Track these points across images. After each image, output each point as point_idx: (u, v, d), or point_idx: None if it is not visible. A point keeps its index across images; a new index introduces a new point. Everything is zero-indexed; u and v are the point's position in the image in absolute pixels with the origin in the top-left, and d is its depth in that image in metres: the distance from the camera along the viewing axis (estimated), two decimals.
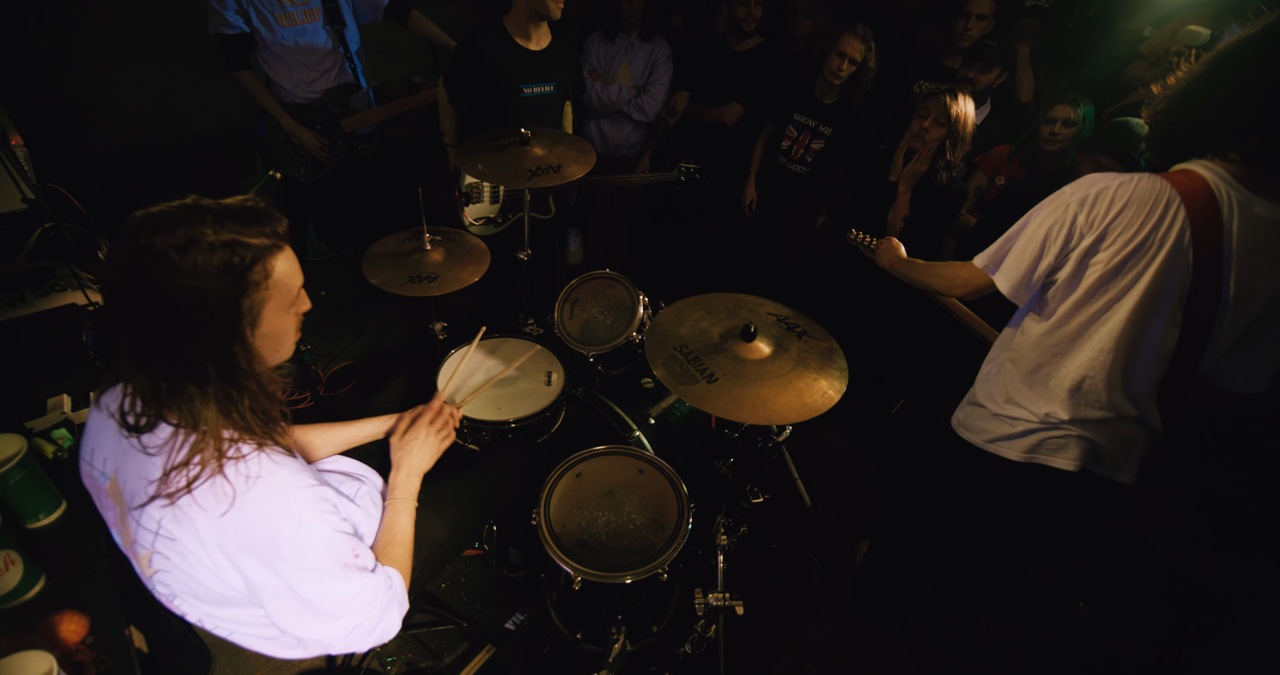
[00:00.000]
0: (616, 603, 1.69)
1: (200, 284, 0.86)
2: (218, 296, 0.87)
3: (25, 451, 1.28)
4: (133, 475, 0.96)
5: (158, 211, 0.89)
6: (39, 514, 1.37)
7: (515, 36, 2.39)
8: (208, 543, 0.94)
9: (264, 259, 0.92)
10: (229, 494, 0.91)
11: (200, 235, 0.87)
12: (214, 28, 2.41)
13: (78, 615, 1.19)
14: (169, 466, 0.91)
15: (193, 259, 0.85)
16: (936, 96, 2.33)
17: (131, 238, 0.86)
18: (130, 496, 0.97)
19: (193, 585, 1.02)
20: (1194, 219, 1.14)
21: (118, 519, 1.04)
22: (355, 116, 2.66)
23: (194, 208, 0.90)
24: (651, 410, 2.10)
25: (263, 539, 0.94)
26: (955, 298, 1.56)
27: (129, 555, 1.07)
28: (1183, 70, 1.19)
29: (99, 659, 1.15)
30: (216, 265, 0.87)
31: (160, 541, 0.96)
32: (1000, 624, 2.12)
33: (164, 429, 0.94)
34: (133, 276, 0.86)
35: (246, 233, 0.91)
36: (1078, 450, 1.36)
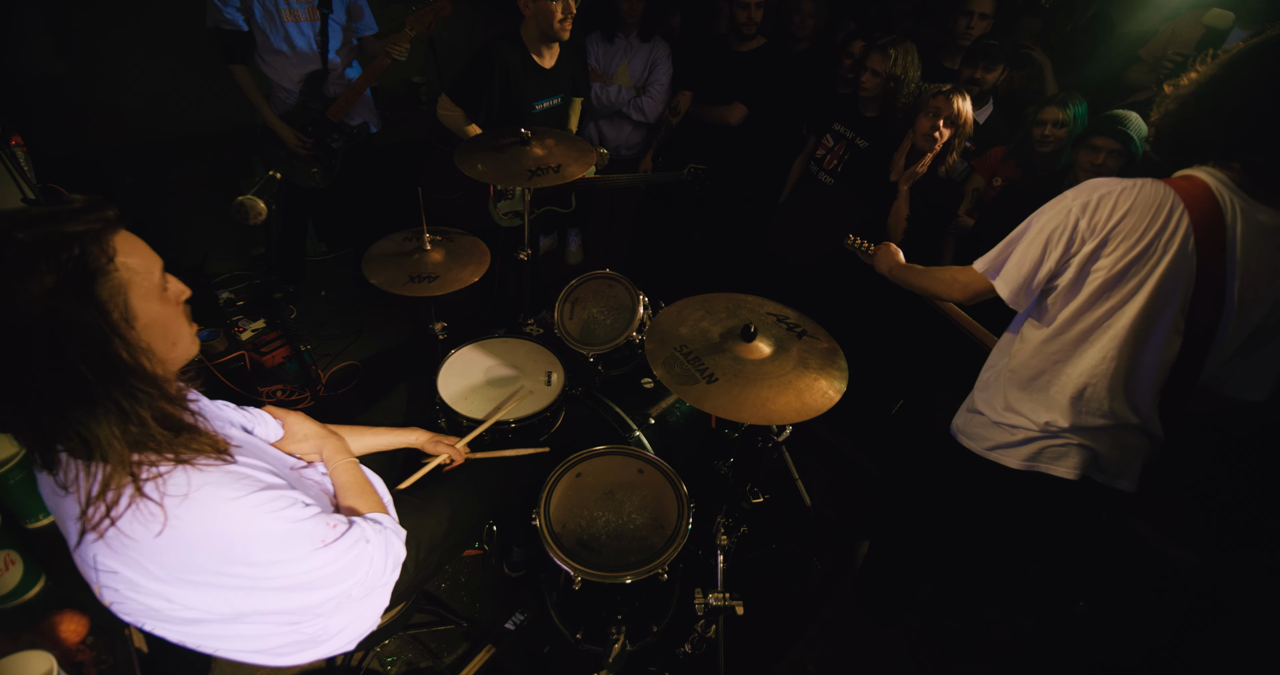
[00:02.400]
0: (616, 603, 1.69)
1: (38, 289, 0.75)
2: (67, 295, 0.77)
3: (25, 451, 1.28)
4: (63, 515, 0.92)
5: None
6: (39, 514, 1.37)
7: (530, 51, 2.41)
8: (152, 570, 0.89)
9: (98, 242, 0.81)
10: (158, 516, 0.84)
11: (9, 239, 0.75)
12: (212, 23, 2.41)
13: (78, 615, 1.19)
14: (83, 501, 0.84)
15: (14, 266, 0.75)
16: (945, 96, 2.32)
17: None
18: (66, 535, 0.92)
19: (157, 613, 0.96)
20: (1197, 225, 1.13)
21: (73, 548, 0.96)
22: (336, 104, 2.64)
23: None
24: (651, 410, 2.10)
25: (215, 553, 0.89)
26: (954, 303, 1.56)
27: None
28: (1196, 73, 1.18)
29: (99, 659, 1.15)
30: (46, 263, 0.76)
31: (103, 576, 0.91)
32: (1000, 624, 2.12)
33: (72, 464, 0.86)
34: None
35: (64, 224, 0.79)
36: (1078, 458, 1.35)
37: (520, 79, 2.42)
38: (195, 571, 0.90)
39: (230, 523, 0.90)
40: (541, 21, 2.31)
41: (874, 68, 2.56)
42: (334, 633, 1.21)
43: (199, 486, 0.88)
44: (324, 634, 1.19)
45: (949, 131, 2.33)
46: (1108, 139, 2.00)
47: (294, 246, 3.13)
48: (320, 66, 2.60)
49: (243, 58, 2.50)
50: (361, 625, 1.27)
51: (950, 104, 2.30)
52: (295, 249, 3.14)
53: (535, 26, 2.35)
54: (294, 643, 1.15)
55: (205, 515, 0.87)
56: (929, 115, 2.34)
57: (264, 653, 1.13)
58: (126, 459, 0.84)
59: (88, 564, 0.90)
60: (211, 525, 0.88)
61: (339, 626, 1.21)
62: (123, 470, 0.83)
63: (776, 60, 3.02)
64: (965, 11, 2.72)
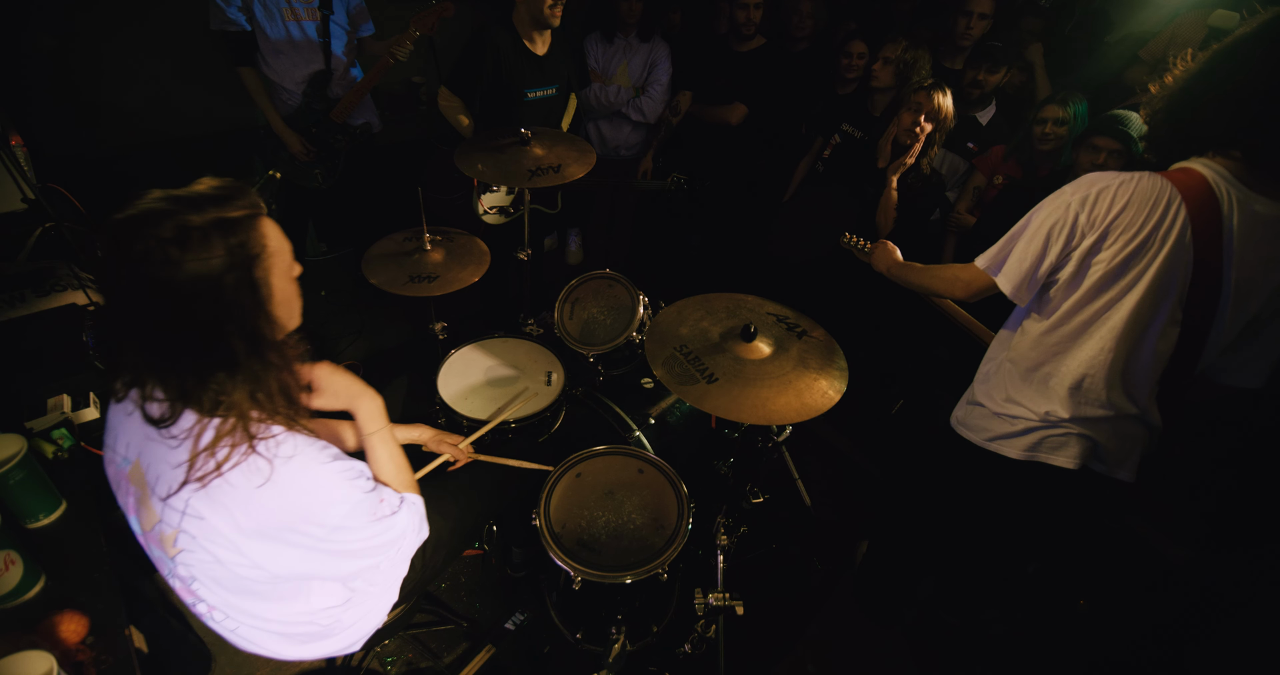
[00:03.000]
0: (616, 603, 1.69)
1: (209, 269, 0.85)
2: (232, 276, 0.88)
3: (25, 451, 1.28)
4: (157, 460, 0.97)
5: (135, 213, 0.85)
6: (39, 514, 1.37)
7: (522, 37, 2.42)
8: (239, 519, 0.95)
9: (254, 228, 0.92)
10: (264, 471, 0.93)
11: (184, 224, 0.84)
12: (216, 24, 2.41)
13: (78, 615, 1.19)
14: (195, 451, 0.92)
15: (193, 249, 0.84)
16: (925, 91, 2.34)
17: (122, 244, 0.84)
18: (154, 480, 0.98)
19: (215, 569, 1.02)
20: (1194, 217, 1.14)
21: (137, 502, 1.04)
22: (341, 105, 2.65)
23: (165, 200, 0.87)
24: (651, 410, 2.10)
25: (300, 512, 0.98)
26: (956, 300, 1.56)
27: (148, 541, 1.07)
28: (1180, 69, 1.19)
29: (99, 659, 1.15)
30: (217, 249, 0.86)
31: (187, 520, 0.97)
32: (1000, 623, 2.12)
33: (188, 417, 0.94)
34: (139, 282, 0.84)
35: (225, 211, 0.88)
36: (1078, 448, 1.36)
37: (512, 63, 2.42)
38: (275, 526, 0.97)
39: (317, 484, 0.99)
40: (532, 6, 2.32)
41: (885, 55, 2.59)
42: (346, 626, 1.24)
43: (302, 449, 0.98)
44: (337, 626, 1.22)
45: (930, 126, 2.35)
46: (1108, 139, 2.00)
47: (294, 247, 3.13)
48: (324, 67, 2.60)
49: (249, 60, 2.50)
50: (371, 621, 1.30)
51: (931, 99, 2.33)
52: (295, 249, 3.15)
53: (526, 12, 2.36)
54: (309, 633, 1.18)
55: (300, 476, 0.97)
56: (911, 110, 2.37)
57: (282, 636, 1.16)
58: (248, 420, 0.93)
59: (175, 509, 0.96)
60: (303, 485, 0.97)
61: (352, 619, 1.24)
62: (243, 429, 0.92)
63: (776, 60, 3.02)
64: (965, 11, 2.72)
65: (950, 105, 2.38)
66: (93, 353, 1.73)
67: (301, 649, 1.22)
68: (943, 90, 2.35)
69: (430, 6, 2.45)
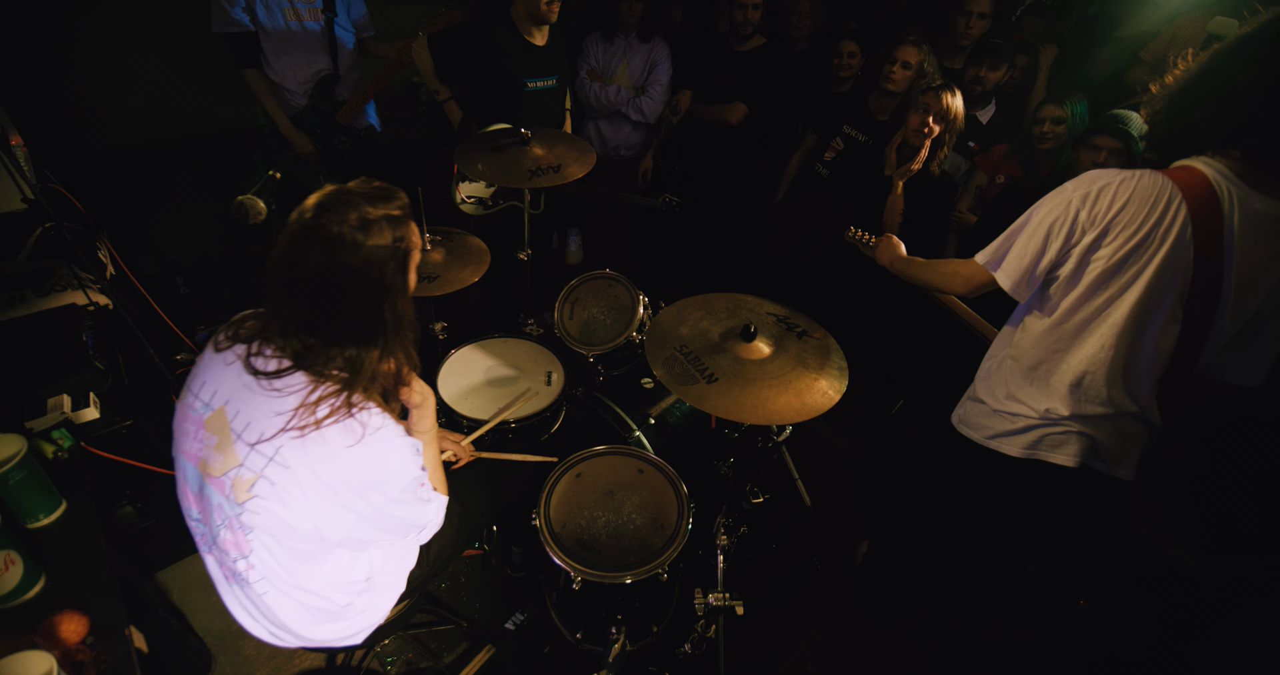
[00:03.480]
0: (616, 603, 1.69)
1: (380, 254, 1.02)
2: (393, 263, 1.05)
3: (25, 451, 1.28)
4: (251, 408, 1.06)
5: (324, 199, 1.02)
6: (39, 514, 1.37)
7: (521, 31, 2.43)
8: (321, 474, 1.05)
9: (409, 225, 1.09)
10: (356, 433, 1.05)
11: (367, 216, 1.01)
12: (219, 27, 2.40)
13: (78, 615, 1.19)
14: (303, 403, 1.03)
15: (373, 235, 1.01)
16: (934, 92, 2.33)
17: (315, 224, 0.99)
18: (243, 426, 1.06)
19: (276, 522, 1.08)
20: (1195, 215, 1.14)
21: (213, 448, 1.09)
22: (346, 106, 2.66)
23: (346, 192, 1.04)
24: (651, 410, 2.10)
25: (371, 478, 1.09)
26: (956, 295, 1.57)
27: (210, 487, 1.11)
28: (1180, 69, 1.19)
29: (99, 659, 1.15)
30: (388, 238, 1.03)
31: (273, 467, 1.05)
32: (1000, 623, 2.12)
33: (300, 375, 1.05)
34: (327, 257, 0.99)
35: (391, 208, 1.06)
36: (1078, 446, 1.36)
37: (511, 53, 2.43)
38: (348, 487, 1.08)
39: (392, 457, 1.11)
40: (529, 3, 2.35)
41: (906, 59, 2.56)
42: (358, 611, 1.29)
43: (387, 423, 1.10)
44: (350, 610, 1.28)
45: (939, 127, 2.34)
46: (1109, 138, 2.00)
47: None
48: (330, 70, 2.61)
49: (253, 61, 2.50)
50: (378, 612, 1.34)
51: (940, 100, 2.32)
52: None
53: (524, 7, 2.38)
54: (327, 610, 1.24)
55: (383, 446, 1.09)
56: (919, 111, 2.36)
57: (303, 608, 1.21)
58: (361, 387, 1.07)
59: (264, 454, 1.05)
60: (383, 454, 1.09)
61: (364, 605, 1.30)
62: (350, 394, 1.05)
63: (776, 60, 3.02)
64: (964, 11, 2.72)
65: (961, 106, 2.36)
66: (92, 353, 1.73)
67: (314, 629, 1.25)
68: (952, 90, 2.33)
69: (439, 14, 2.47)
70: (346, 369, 1.06)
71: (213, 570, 1.24)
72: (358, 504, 1.10)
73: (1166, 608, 2.01)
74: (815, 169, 2.95)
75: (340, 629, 1.29)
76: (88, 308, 1.87)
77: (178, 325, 2.39)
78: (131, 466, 1.74)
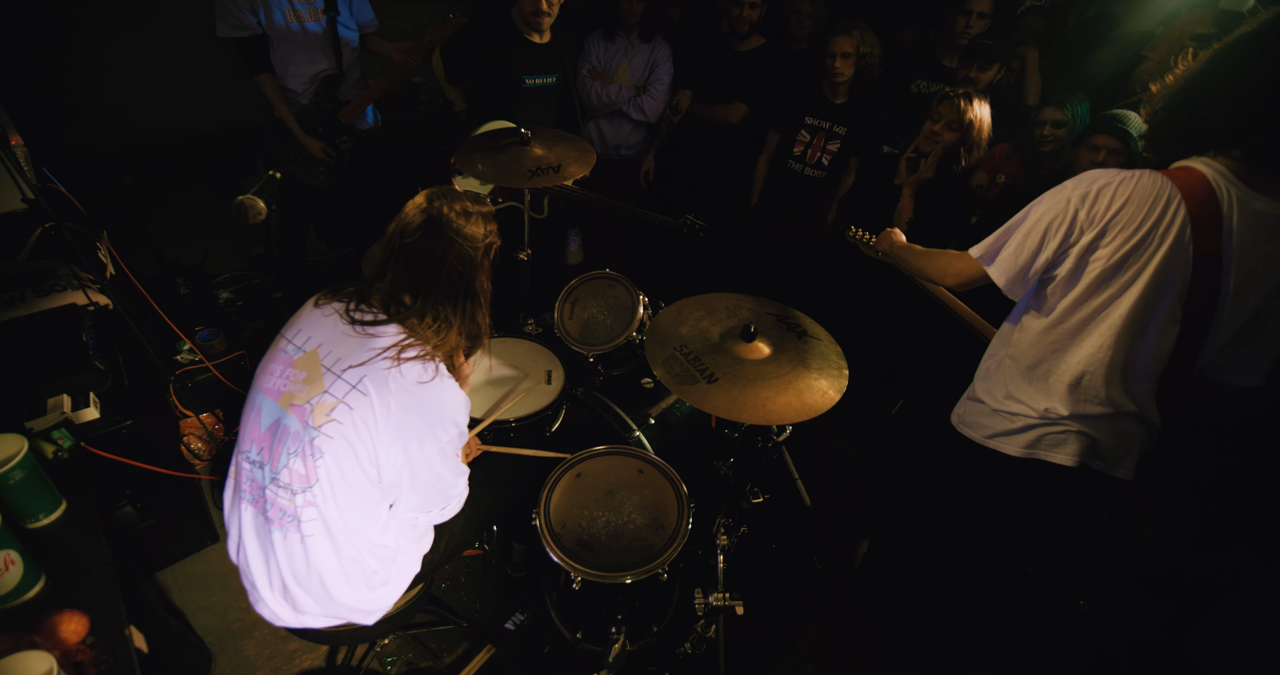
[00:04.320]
0: (616, 603, 1.69)
1: (476, 241, 1.30)
2: (483, 246, 1.32)
3: (25, 451, 1.29)
4: (342, 347, 1.22)
5: (437, 191, 1.30)
6: (39, 514, 1.37)
7: (521, 28, 2.47)
8: (392, 404, 1.19)
9: (494, 225, 1.36)
10: (429, 373, 1.23)
11: (468, 209, 1.30)
12: (226, 32, 2.39)
13: (78, 615, 1.19)
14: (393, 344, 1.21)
15: (470, 224, 1.29)
16: (950, 100, 2.31)
17: (432, 208, 1.26)
18: (334, 361, 1.22)
19: (344, 450, 1.19)
20: (1194, 215, 1.14)
21: (302, 380, 1.23)
22: (349, 107, 2.66)
23: (451, 190, 1.32)
24: (651, 410, 2.10)
25: (434, 418, 1.25)
26: (947, 288, 1.56)
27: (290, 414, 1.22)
28: (1181, 68, 1.19)
29: (99, 659, 1.15)
30: (481, 229, 1.31)
31: (354, 394, 1.18)
32: (1000, 624, 2.12)
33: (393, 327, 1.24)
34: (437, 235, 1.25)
35: (483, 208, 1.34)
36: (1077, 446, 1.36)
37: (510, 51, 2.48)
38: (411, 423, 1.22)
39: (454, 401, 1.28)
40: (524, 6, 2.42)
41: (844, 51, 2.60)
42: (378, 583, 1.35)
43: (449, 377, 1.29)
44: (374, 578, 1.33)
45: (951, 136, 2.32)
46: (1108, 137, 2.01)
47: (295, 247, 3.12)
48: (334, 70, 2.61)
49: (267, 66, 2.49)
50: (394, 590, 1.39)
51: (954, 108, 2.29)
52: (296, 250, 3.14)
53: (519, 10, 2.46)
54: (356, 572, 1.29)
55: (446, 391, 1.27)
56: (933, 119, 2.34)
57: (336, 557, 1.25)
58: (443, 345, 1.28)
59: (348, 382, 1.19)
60: (446, 398, 1.27)
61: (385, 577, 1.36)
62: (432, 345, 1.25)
63: (776, 60, 3.02)
64: (964, 10, 2.72)
65: (985, 115, 2.32)
66: (92, 353, 1.73)
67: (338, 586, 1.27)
68: (969, 99, 2.29)
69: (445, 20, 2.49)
70: (434, 325, 1.26)
71: (248, 526, 1.28)
72: (412, 445, 1.23)
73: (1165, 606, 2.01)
74: (789, 166, 2.96)
75: (359, 594, 1.31)
76: (88, 308, 1.87)
77: (178, 325, 2.39)
78: (131, 466, 1.74)
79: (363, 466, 1.21)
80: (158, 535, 1.97)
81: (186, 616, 1.95)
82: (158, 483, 1.87)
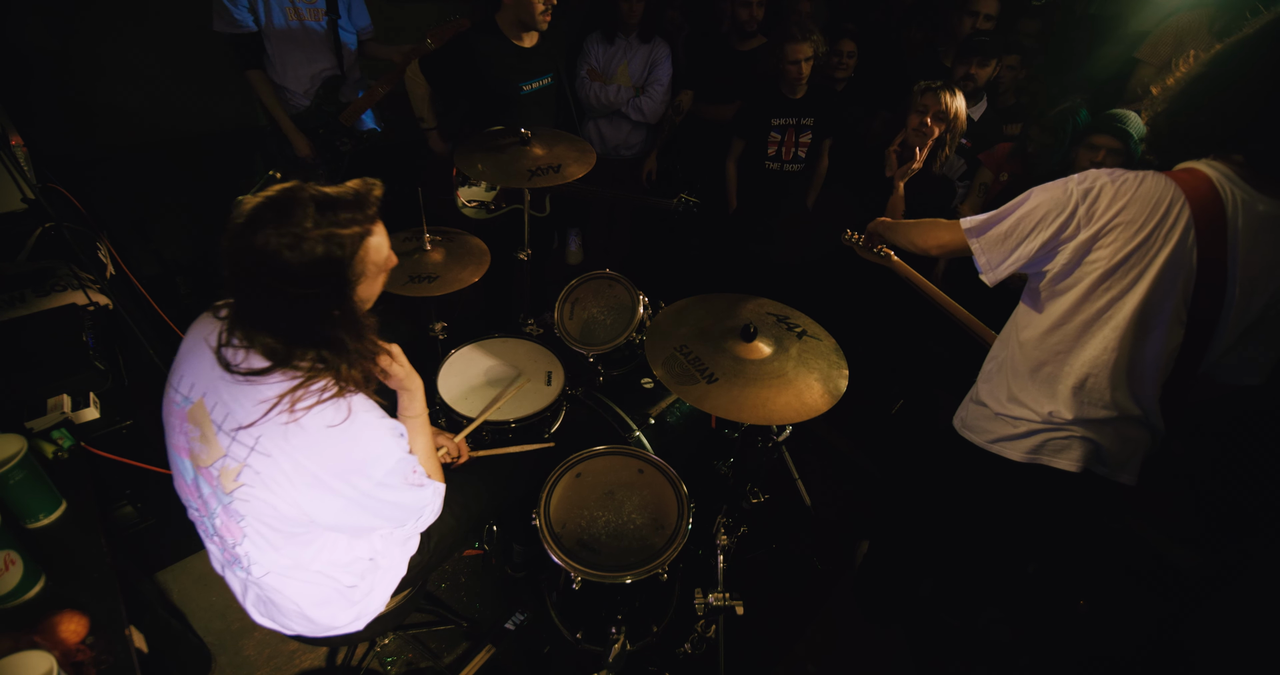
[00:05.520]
0: (616, 603, 1.69)
1: (311, 273, 0.98)
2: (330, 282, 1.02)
3: (25, 451, 1.28)
4: (230, 398, 1.07)
5: (262, 205, 0.98)
6: (39, 514, 1.37)
7: (509, 36, 2.41)
8: (302, 461, 1.06)
9: (359, 244, 1.04)
10: (332, 419, 1.06)
11: (303, 233, 0.97)
12: (221, 27, 2.39)
13: (78, 615, 1.19)
14: (280, 394, 1.03)
15: (301, 256, 0.97)
16: (933, 92, 2.33)
17: (243, 236, 0.96)
18: (223, 417, 1.07)
19: (266, 509, 1.10)
20: (1198, 218, 1.14)
21: (196, 440, 1.11)
22: (350, 108, 2.66)
23: (296, 199, 0.98)
24: (651, 410, 2.10)
25: (355, 461, 1.10)
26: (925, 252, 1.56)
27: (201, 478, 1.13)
28: (1181, 71, 1.19)
29: (99, 659, 1.15)
30: (320, 256, 0.98)
31: (255, 457, 1.06)
32: (1000, 624, 2.12)
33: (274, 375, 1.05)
34: (256, 274, 0.97)
35: (341, 223, 1.00)
36: (1080, 451, 1.36)
37: (501, 62, 2.42)
38: (331, 472, 1.08)
39: (373, 439, 1.12)
40: (522, 11, 2.33)
41: (800, 58, 2.65)
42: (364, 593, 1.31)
43: (368, 406, 1.12)
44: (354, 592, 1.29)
45: (939, 127, 2.34)
46: (1108, 137, 2.00)
47: None
48: (335, 71, 2.61)
49: (258, 62, 2.49)
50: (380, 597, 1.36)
51: (939, 100, 2.32)
52: None
53: (514, 15, 2.37)
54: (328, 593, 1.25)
55: (361, 430, 1.10)
56: (919, 111, 2.35)
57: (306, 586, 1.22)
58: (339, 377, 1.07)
59: (244, 444, 1.06)
60: (363, 437, 1.10)
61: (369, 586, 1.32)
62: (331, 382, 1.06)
63: None
64: (970, 12, 2.72)
65: (961, 106, 2.36)
66: (92, 353, 1.73)
67: (318, 611, 1.26)
68: (951, 91, 2.33)
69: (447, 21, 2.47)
70: (316, 363, 1.06)
71: (214, 557, 1.25)
72: (344, 488, 1.11)
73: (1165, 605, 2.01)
74: (767, 168, 2.97)
75: (343, 612, 1.30)
76: (88, 308, 1.87)
77: (178, 325, 2.39)
78: (131, 466, 1.74)
79: (292, 518, 1.12)
80: (157, 535, 1.97)
81: (186, 616, 1.95)
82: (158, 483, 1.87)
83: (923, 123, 2.34)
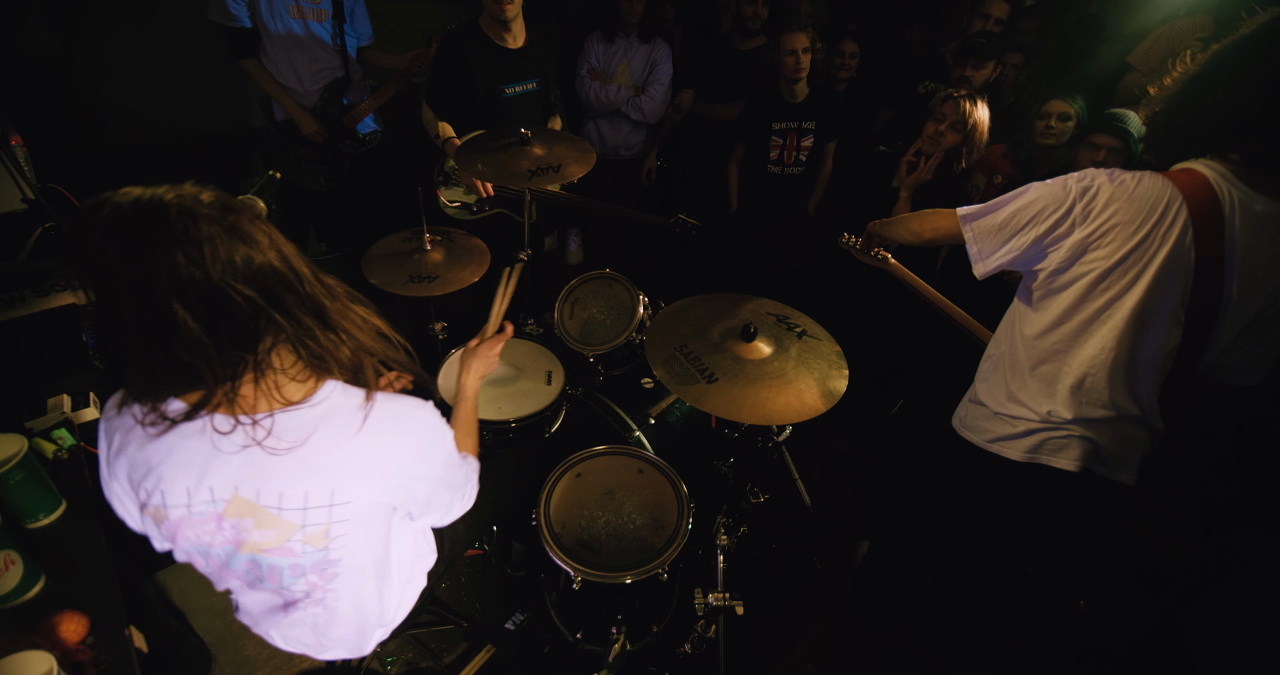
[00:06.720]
0: (616, 603, 1.69)
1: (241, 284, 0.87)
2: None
3: (25, 451, 1.28)
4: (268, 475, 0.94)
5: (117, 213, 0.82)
6: (39, 514, 1.37)
7: (492, 36, 2.39)
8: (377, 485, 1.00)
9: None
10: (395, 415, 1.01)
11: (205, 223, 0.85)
12: (215, 16, 2.40)
13: (78, 615, 1.19)
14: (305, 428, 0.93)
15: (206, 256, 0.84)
16: (954, 101, 2.31)
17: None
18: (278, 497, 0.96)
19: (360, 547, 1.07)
20: (1196, 218, 1.14)
21: (254, 526, 0.98)
22: (354, 111, 2.67)
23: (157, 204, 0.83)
24: (651, 410, 2.10)
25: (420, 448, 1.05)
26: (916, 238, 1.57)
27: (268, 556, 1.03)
28: (1179, 71, 1.19)
29: (99, 659, 1.15)
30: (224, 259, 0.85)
31: (336, 510, 0.98)
32: (1000, 624, 2.12)
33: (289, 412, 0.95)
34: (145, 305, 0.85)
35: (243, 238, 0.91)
36: (1079, 450, 1.36)
37: (484, 63, 2.39)
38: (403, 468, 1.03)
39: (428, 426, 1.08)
40: (488, 4, 2.31)
41: (798, 48, 2.62)
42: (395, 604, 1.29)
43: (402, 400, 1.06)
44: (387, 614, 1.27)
45: (955, 136, 2.32)
46: (1108, 136, 2.01)
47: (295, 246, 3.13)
48: (336, 70, 2.61)
49: (250, 51, 2.49)
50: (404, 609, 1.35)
51: (959, 109, 2.29)
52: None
53: (487, 11, 2.35)
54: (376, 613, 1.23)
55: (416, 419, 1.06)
56: (936, 119, 2.34)
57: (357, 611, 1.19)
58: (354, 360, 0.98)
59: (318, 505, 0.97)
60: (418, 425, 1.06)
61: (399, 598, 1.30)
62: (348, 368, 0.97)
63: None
64: (981, 14, 2.73)
65: (983, 116, 2.33)
66: (92, 353, 1.73)
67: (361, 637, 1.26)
68: (973, 99, 2.30)
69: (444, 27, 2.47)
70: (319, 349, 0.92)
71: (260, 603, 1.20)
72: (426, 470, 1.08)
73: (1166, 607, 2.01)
74: (769, 171, 2.96)
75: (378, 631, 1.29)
76: (88, 308, 1.86)
77: None
78: None
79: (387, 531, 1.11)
80: None
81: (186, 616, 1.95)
82: None
83: (938, 131, 2.32)
